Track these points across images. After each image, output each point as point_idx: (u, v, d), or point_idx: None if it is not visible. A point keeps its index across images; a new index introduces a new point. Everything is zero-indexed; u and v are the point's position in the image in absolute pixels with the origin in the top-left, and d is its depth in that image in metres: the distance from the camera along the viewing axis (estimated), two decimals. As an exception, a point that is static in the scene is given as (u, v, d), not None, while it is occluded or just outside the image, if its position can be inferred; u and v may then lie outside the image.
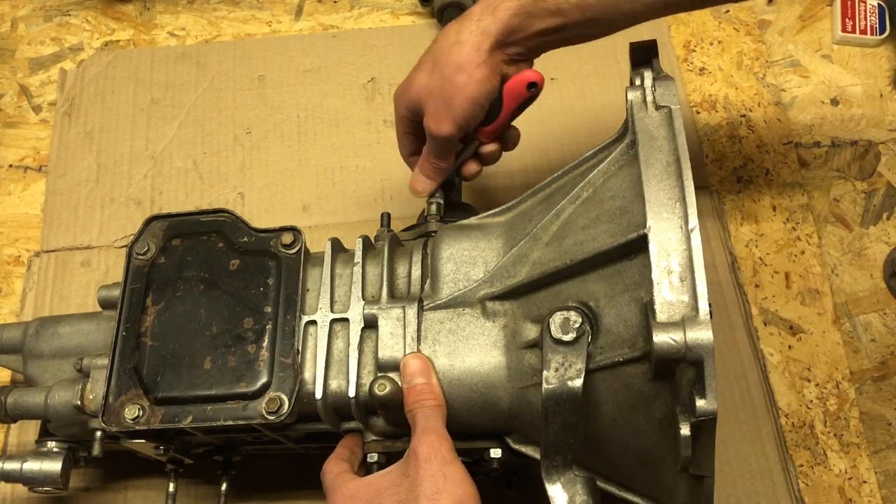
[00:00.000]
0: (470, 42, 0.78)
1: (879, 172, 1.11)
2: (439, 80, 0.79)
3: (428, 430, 0.68)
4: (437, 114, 0.80)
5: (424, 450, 0.66)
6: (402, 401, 0.72)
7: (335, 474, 0.70)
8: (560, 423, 0.65)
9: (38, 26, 1.27)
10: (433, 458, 0.66)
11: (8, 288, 1.08)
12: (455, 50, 0.78)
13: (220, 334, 0.78)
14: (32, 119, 1.20)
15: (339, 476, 0.70)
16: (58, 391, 0.80)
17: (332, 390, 0.76)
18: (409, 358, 0.73)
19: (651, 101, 0.71)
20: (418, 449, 0.66)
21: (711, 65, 1.19)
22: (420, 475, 0.64)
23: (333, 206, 1.10)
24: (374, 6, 1.26)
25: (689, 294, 0.61)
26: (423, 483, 0.64)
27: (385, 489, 0.66)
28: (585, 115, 1.14)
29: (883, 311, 1.03)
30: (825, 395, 0.98)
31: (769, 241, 1.06)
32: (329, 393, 0.76)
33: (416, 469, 0.65)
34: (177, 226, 0.85)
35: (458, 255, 0.78)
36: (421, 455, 0.66)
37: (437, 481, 0.64)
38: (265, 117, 1.17)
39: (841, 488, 0.94)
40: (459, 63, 0.78)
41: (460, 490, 0.64)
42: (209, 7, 1.27)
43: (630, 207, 0.67)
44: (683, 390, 0.60)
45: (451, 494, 0.63)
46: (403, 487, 0.65)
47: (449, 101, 0.79)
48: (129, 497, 0.95)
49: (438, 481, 0.64)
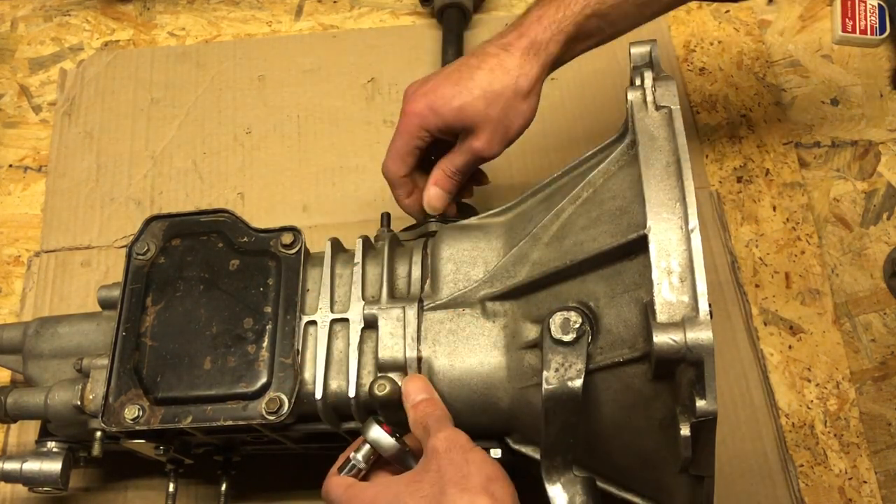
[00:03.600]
0: (530, 73, 0.81)
1: (879, 172, 1.11)
2: (503, 107, 0.81)
3: (442, 429, 0.67)
4: (494, 138, 0.82)
5: (443, 444, 0.66)
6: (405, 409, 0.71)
7: (343, 488, 0.69)
8: (560, 424, 0.65)
9: (38, 26, 1.27)
10: (453, 448, 0.65)
11: (8, 288, 1.08)
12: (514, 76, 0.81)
13: (220, 334, 0.78)
14: (32, 119, 1.20)
15: (350, 488, 0.68)
16: (58, 391, 0.80)
17: (332, 390, 0.76)
18: (406, 382, 0.73)
19: (651, 101, 0.71)
20: (436, 444, 0.66)
21: (711, 65, 1.19)
22: (442, 466, 0.64)
23: (333, 206, 1.10)
24: (374, 6, 1.26)
25: (689, 294, 0.61)
26: (447, 471, 0.63)
27: (405, 489, 0.65)
28: (585, 115, 1.14)
29: (883, 311, 1.03)
30: (825, 395, 0.98)
31: (769, 241, 1.06)
32: (329, 393, 0.76)
33: (438, 462, 0.64)
34: (177, 226, 0.85)
35: (458, 256, 0.78)
36: (441, 448, 0.65)
37: (462, 467, 0.64)
38: (265, 117, 1.17)
39: (841, 488, 0.94)
40: (522, 90, 0.81)
41: (487, 468, 0.64)
42: (209, 7, 1.27)
43: (630, 208, 0.67)
44: (683, 390, 0.60)
45: (479, 474, 0.63)
46: (426, 483, 0.64)
47: (509, 127, 0.82)
48: (129, 497, 0.94)
49: (463, 467, 0.64)
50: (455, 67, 0.83)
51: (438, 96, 0.81)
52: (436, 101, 0.81)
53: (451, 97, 0.81)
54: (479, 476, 0.63)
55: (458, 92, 0.81)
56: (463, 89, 0.81)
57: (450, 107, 0.81)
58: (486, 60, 0.81)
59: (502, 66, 0.81)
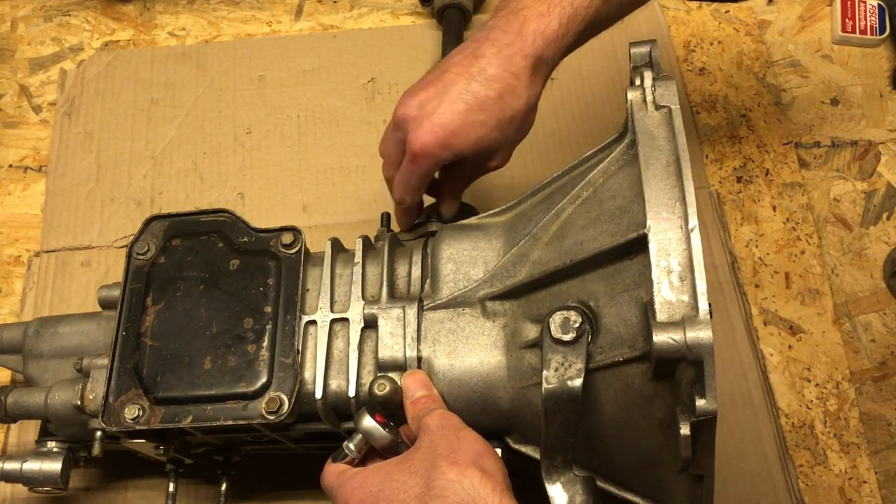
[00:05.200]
0: (537, 89, 0.79)
1: (879, 172, 1.11)
2: (516, 129, 0.80)
3: (436, 410, 0.69)
4: (508, 154, 0.83)
5: (436, 420, 0.66)
6: (404, 407, 0.72)
7: (335, 475, 0.70)
8: (560, 423, 0.65)
9: (38, 26, 1.27)
10: (445, 426, 0.66)
11: (8, 288, 1.08)
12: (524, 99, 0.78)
13: (220, 334, 0.78)
14: (32, 119, 1.20)
15: (341, 474, 0.69)
16: (58, 391, 0.80)
17: (332, 390, 0.76)
18: (406, 378, 0.73)
19: (651, 101, 0.71)
20: (429, 422, 0.66)
21: (711, 65, 1.19)
22: (434, 441, 0.65)
23: (333, 206, 1.10)
24: (374, 6, 1.26)
25: (689, 294, 0.61)
26: (438, 446, 0.64)
27: (396, 466, 0.66)
28: (585, 115, 1.14)
29: (883, 311, 1.03)
30: (825, 395, 0.98)
31: (769, 241, 1.06)
32: (329, 393, 0.76)
33: (430, 438, 0.65)
34: (177, 226, 0.85)
35: (458, 255, 0.78)
36: (433, 425, 0.66)
37: (453, 442, 0.64)
38: (265, 117, 1.17)
39: (841, 488, 0.94)
40: (531, 106, 0.79)
41: (478, 445, 0.65)
42: (209, 7, 1.27)
43: (630, 207, 0.67)
44: (683, 390, 0.60)
45: (470, 450, 0.64)
46: (416, 458, 0.65)
47: (519, 139, 0.82)
48: (129, 497, 0.94)
49: (454, 442, 0.64)
50: (460, 95, 0.76)
51: (450, 132, 0.76)
52: (448, 138, 0.76)
53: (465, 134, 0.76)
54: (470, 451, 0.64)
55: (472, 125, 0.76)
56: (476, 122, 0.76)
57: (466, 143, 0.77)
58: (492, 86, 0.76)
59: (513, 92, 0.77)
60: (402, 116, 0.78)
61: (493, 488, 0.61)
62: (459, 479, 0.61)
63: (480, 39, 0.78)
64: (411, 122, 0.77)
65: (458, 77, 0.77)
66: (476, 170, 0.84)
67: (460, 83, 0.77)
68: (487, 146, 0.79)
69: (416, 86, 0.79)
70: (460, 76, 0.77)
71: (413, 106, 0.78)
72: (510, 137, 0.80)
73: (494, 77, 0.76)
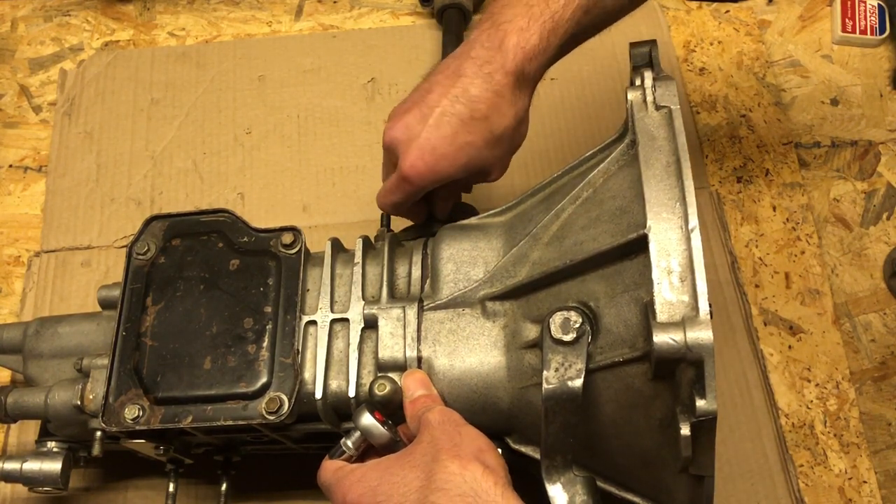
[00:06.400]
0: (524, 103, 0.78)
1: (879, 172, 1.11)
2: (507, 143, 0.79)
3: (436, 407, 0.69)
4: (503, 168, 0.82)
5: (437, 416, 0.66)
6: (403, 406, 0.72)
7: (332, 471, 0.69)
8: (560, 423, 0.65)
9: (38, 26, 1.27)
10: (447, 421, 0.66)
11: (8, 288, 1.08)
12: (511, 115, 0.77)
13: (220, 334, 0.78)
14: (32, 119, 1.20)
15: (338, 470, 0.69)
16: (58, 391, 0.80)
17: (332, 390, 0.76)
18: (406, 377, 0.73)
19: (651, 101, 0.71)
20: (430, 417, 0.67)
21: (711, 65, 1.19)
22: (435, 436, 0.65)
23: (333, 206, 1.10)
24: (374, 6, 1.26)
25: (689, 294, 0.61)
26: (440, 440, 0.64)
27: (396, 461, 0.65)
28: (585, 115, 1.14)
29: (883, 311, 1.03)
30: (825, 395, 0.98)
31: (769, 241, 1.06)
32: (329, 393, 0.76)
33: (431, 432, 0.65)
34: (177, 226, 0.85)
35: (458, 256, 0.78)
36: (434, 420, 0.66)
37: (454, 437, 0.64)
38: (265, 117, 1.17)
39: (841, 488, 0.94)
40: (519, 119, 0.78)
41: (479, 441, 0.65)
42: (209, 7, 1.27)
43: (630, 207, 0.67)
44: (683, 390, 0.60)
45: (471, 444, 0.64)
46: (417, 453, 0.64)
47: (513, 150, 0.81)
48: (129, 497, 0.94)
49: (455, 437, 0.64)
50: (444, 118, 0.75)
51: (439, 157, 0.76)
52: (436, 163, 0.76)
53: (454, 157, 0.76)
54: (472, 446, 0.64)
55: (460, 148, 0.76)
56: (464, 144, 0.76)
57: (455, 166, 0.76)
58: (476, 107, 0.75)
59: (498, 111, 0.76)
60: (391, 140, 0.78)
61: (495, 482, 0.61)
62: (461, 472, 0.61)
63: (462, 56, 0.77)
64: (401, 146, 0.77)
65: (440, 98, 0.76)
66: (473, 183, 0.85)
67: (443, 104, 0.76)
68: (479, 165, 0.78)
69: (401, 107, 0.79)
70: (443, 97, 0.76)
71: (399, 129, 0.77)
72: (502, 153, 0.80)
73: (477, 98, 0.75)
